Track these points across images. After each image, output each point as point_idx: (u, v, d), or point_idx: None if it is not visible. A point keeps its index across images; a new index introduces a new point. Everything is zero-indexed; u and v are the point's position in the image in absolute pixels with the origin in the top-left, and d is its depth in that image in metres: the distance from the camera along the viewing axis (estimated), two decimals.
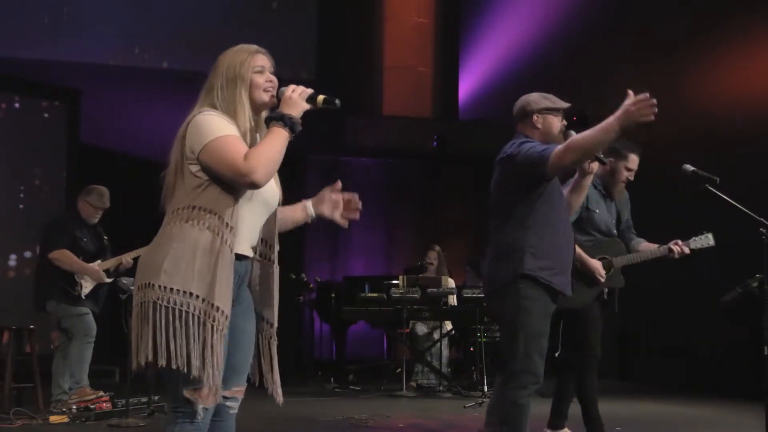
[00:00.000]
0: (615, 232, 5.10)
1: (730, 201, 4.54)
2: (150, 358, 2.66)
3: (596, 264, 4.85)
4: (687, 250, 5.11)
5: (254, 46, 2.95)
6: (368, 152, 12.37)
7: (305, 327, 11.13)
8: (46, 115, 9.85)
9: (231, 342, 2.79)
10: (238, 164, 2.68)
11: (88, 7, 11.69)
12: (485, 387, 7.85)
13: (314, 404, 7.55)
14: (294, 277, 10.00)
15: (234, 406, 2.98)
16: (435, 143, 12.05)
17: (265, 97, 2.89)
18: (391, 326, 9.34)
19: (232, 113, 2.82)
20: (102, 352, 6.90)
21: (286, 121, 2.79)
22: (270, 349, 2.98)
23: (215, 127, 2.75)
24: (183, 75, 11.34)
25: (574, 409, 5.17)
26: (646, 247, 5.19)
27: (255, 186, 2.72)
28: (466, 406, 7.37)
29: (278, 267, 2.98)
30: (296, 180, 11.63)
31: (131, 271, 6.35)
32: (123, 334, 5.67)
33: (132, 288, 6.11)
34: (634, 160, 4.98)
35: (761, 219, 4.52)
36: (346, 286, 10.22)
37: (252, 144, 2.81)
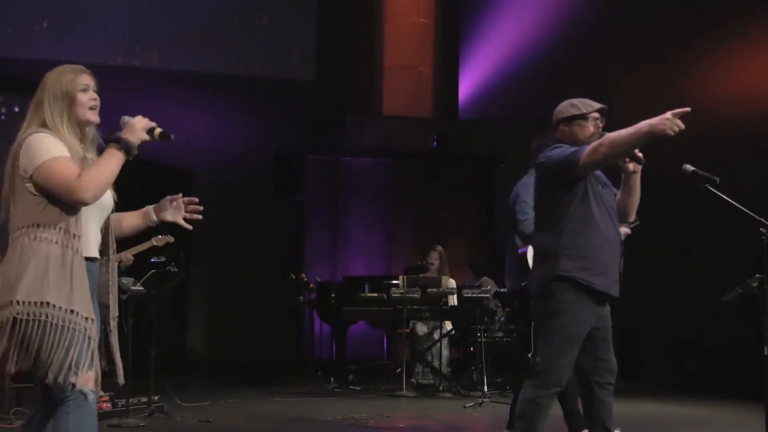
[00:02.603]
0: None
1: (730, 201, 4.54)
2: (14, 370, 2.87)
3: None
4: (629, 231, 5.12)
5: (79, 66, 3.15)
6: (368, 152, 12.36)
7: (305, 327, 11.12)
8: None
9: None
10: (70, 183, 2.90)
11: (88, 7, 11.69)
12: (485, 387, 7.84)
13: (314, 404, 7.55)
14: (294, 277, 9.99)
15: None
16: (435, 143, 12.04)
17: (89, 115, 3.08)
18: (391, 326, 9.33)
19: (59, 129, 3.01)
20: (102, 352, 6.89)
21: (122, 144, 3.00)
22: (113, 338, 3.16)
23: (47, 148, 2.94)
24: (183, 75, 11.35)
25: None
26: None
27: (84, 204, 2.95)
28: (466, 406, 7.37)
29: (115, 264, 3.20)
30: (296, 180, 11.62)
31: (131, 271, 6.36)
32: (123, 335, 5.67)
33: (132, 288, 6.13)
34: None
35: (761, 219, 4.52)
36: (346, 286, 10.21)
37: (79, 160, 2.99)
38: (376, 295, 9.01)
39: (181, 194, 3.37)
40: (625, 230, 5.09)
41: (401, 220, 12.45)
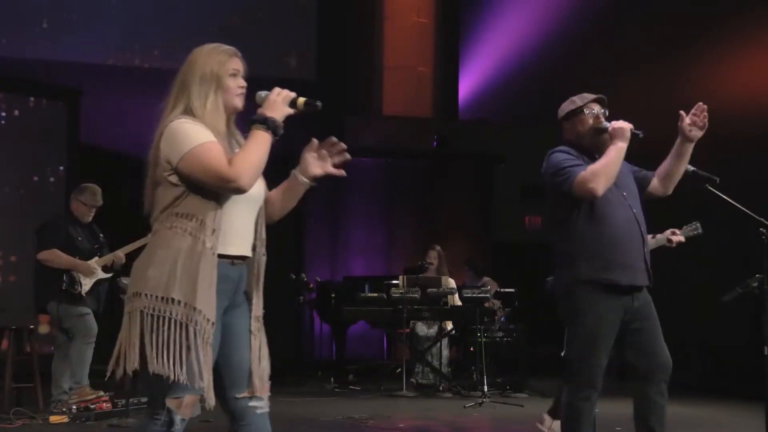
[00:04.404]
0: None
1: (730, 201, 4.54)
2: (136, 365, 2.68)
3: None
4: (683, 239, 5.05)
5: (232, 48, 2.91)
6: (368, 152, 12.36)
7: (305, 327, 11.12)
8: (46, 115, 9.85)
9: (232, 344, 2.88)
10: (223, 171, 2.70)
11: (88, 7, 11.70)
12: (485, 387, 7.83)
13: (314, 404, 7.55)
14: (294, 277, 9.99)
15: (260, 405, 3.08)
16: (435, 143, 12.04)
17: (237, 102, 2.89)
18: (391, 326, 9.33)
19: (207, 114, 2.80)
20: (103, 351, 6.90)
21: (269, 124, 2.80)
22: (254, 340, 3.03)
23: (192, 136, 2.73)
24: None
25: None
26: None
27: (240, 191, 2.75)
28: (466, 406, 7.37)
29: (265, 257, 3.03)
30: None
31: (129, 270, 6.35)
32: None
33: None
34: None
35: (761, 219, 4.52)
36: (346, 286, 10.21)
37: (224, 148, 2.79)
38: (376, 295, 9.01)
39: (316, 141, 3.09)
40: (678, 238, 5.00)
41: (401, 220, 12.46)
